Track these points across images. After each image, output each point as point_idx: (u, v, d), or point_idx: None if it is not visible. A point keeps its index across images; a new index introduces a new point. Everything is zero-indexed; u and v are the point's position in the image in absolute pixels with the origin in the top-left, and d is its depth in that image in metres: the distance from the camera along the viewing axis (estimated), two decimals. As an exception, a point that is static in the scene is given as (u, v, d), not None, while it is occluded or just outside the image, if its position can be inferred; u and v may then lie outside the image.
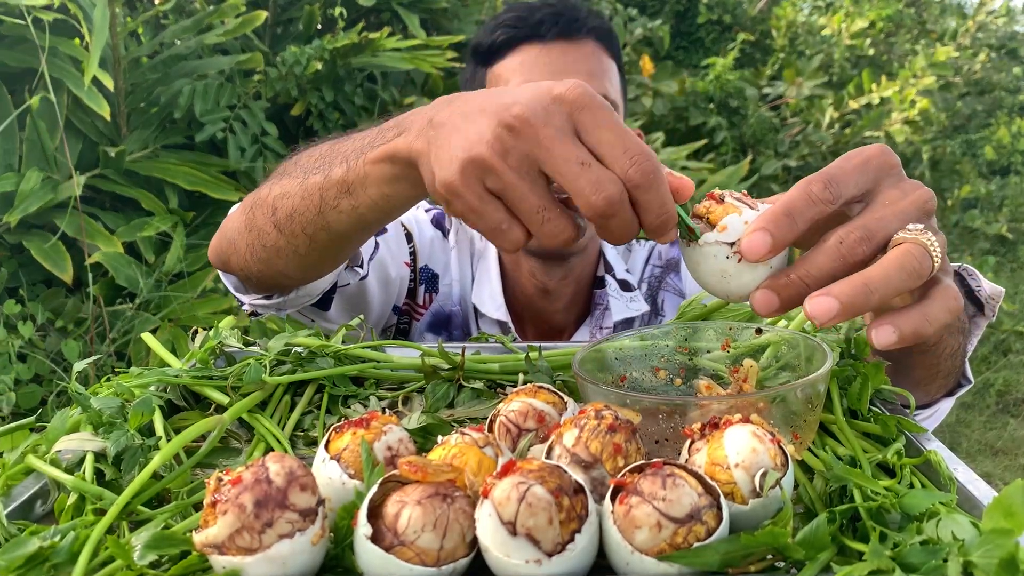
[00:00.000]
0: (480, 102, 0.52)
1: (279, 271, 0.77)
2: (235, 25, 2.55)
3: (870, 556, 0.39)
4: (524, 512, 0.38)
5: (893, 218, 0.49)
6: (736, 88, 3.99)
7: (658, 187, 0.49)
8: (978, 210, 5.41)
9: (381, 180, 0.61)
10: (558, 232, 0.51)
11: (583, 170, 0.48)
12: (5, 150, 2.21)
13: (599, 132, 0.48)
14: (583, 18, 1.05)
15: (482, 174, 0.50)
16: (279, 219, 0.71)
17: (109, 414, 0.55)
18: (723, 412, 0.48)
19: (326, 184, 0.65)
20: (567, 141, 0.48)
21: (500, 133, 0.49)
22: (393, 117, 0.64)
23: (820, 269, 0.48)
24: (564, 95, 0.49)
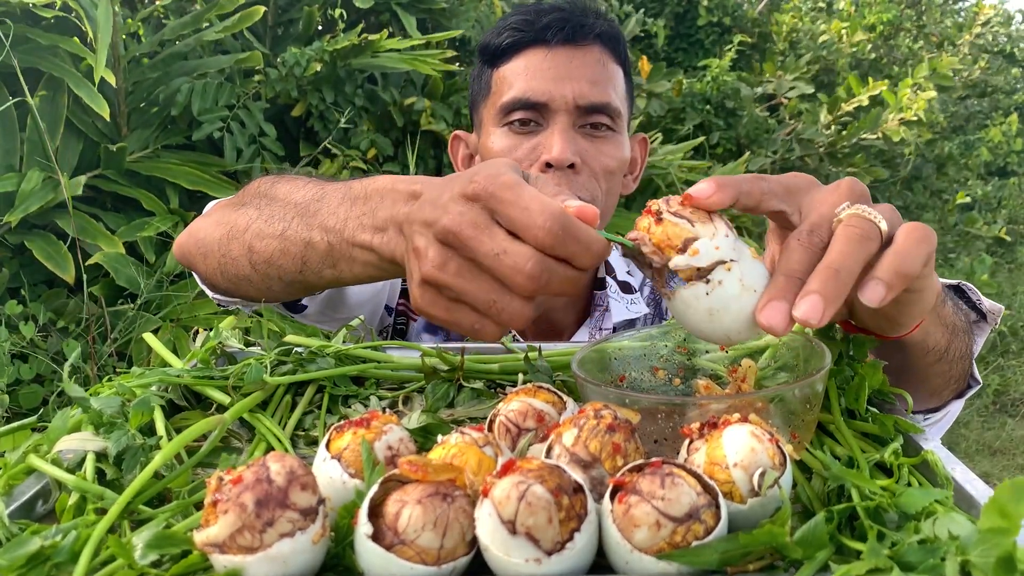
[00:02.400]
0: (423, 213, 0.55)
1: (245, 293, 0.80)
2: (234, 21, 2.55)
3: (868, 555, 0.39)
4: (524, 511, 0.38)
5: (830, 208, 0.53)
6: (732, 89, 3.99)
7: (573, 237, 0.50)
8: (976, 211, 5.41)
9: (367, 265, 0.64)
10: (515, 314, 0.53)
11: (501, 259, 0.51)
12: (6, 150, 2.22)
13: (508, 213, 0.51)
14: (590, 24, 1.05)
15: (438, 291, 0.54)
16: (256, 261, 0.73)
17: (110, 414, 0.55)
18: (722, 412, 0.48)
19: (308, 250, 0.67)
20: (483, 236, 0.52)
21: (438, 249, 0.53)
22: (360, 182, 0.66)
23: (798, 263, 0.50)
24: (473, 192, 0.52)
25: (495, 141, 1.05)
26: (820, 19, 5.66)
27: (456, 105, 2.80)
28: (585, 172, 1.01)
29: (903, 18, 5.74)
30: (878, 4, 5.52)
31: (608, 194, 1.05)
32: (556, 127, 1.01)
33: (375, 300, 1.10)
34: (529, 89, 1.02)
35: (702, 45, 5.46)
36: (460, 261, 0.53)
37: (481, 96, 1.11)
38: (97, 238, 2.15)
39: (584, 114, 1.03)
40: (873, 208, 0.52)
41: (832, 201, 0.54)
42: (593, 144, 1.03)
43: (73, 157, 2.34)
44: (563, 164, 0.99)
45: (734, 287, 0.49)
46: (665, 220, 0.52)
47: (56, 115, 2.27)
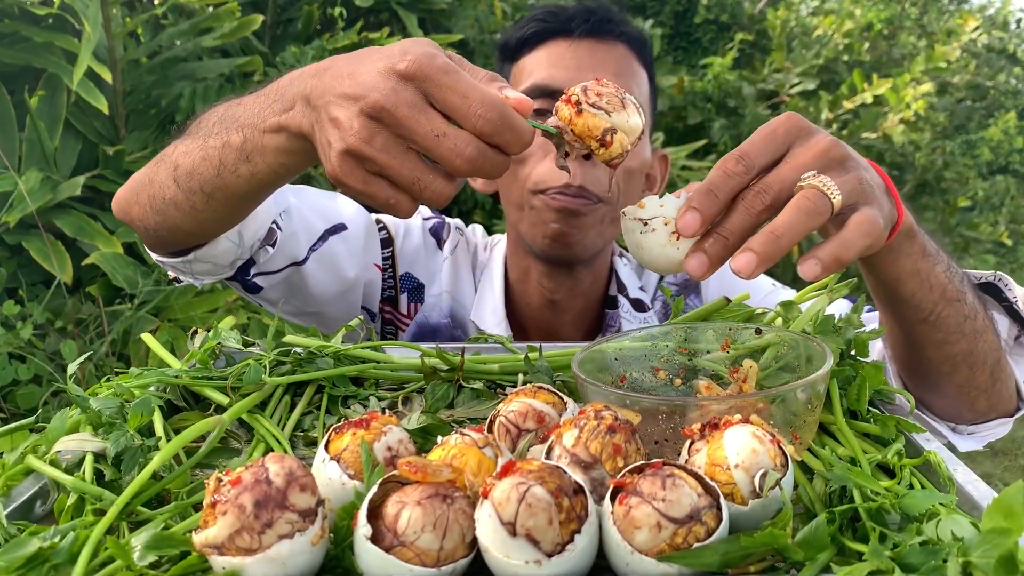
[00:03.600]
0: (342, 86, 0.56)
1: (175, 224, 0.79)
2: (232, 29, 2.54)
3: (870, 556, 0.39)
4: (524, 512, 0.38)
5: (791, 171, 0.57)
6: (734, 88, 3.99)
7: (508, 126, 0.53)
8: (977, 211, 5.41)
9: (278, 151, 0.65)
10: (437, 193, 0.55)
11: (440, 140, 0.53)
12: (4, 150, 2.21)
13: (445, 98, 0.53)
14: (616, 21, 1.03)
15: (358, 162, 0.55)
16: (179, 175, 0.74)
17: (109, 415, 0.55)
18: (723, 413, 0.48)
19: (225, 150, 0.69)
20: (421, 117, 0.53)
21: (364, 123, 0.54)
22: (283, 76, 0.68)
23: (732, 223, 0.56)
24: (407, 71, 0.53)
25: None
26: (816, 16, 5.66)
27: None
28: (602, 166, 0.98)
29: (903, 16, 5.74)
30: (875, 2, 5.52)
31: (626, 195, 1.02)
32: None
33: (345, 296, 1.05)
34: (550, 76, 1.00)
35: (701, 43, 5.46)
36: (388, 136, 0.54)
37: None
38: (95, 238, 2.15)
39: None
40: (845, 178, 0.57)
41: (801, 163, 0.57)
42: None
43: (72, 157, 2.33)
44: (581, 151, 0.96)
45: (663, 237, 0.57)
46: (584, 112, 0.57)
47: (55, 115, 2.27)
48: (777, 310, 0.69)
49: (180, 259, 0.87)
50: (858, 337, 0.61)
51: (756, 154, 0.58)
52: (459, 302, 1.12)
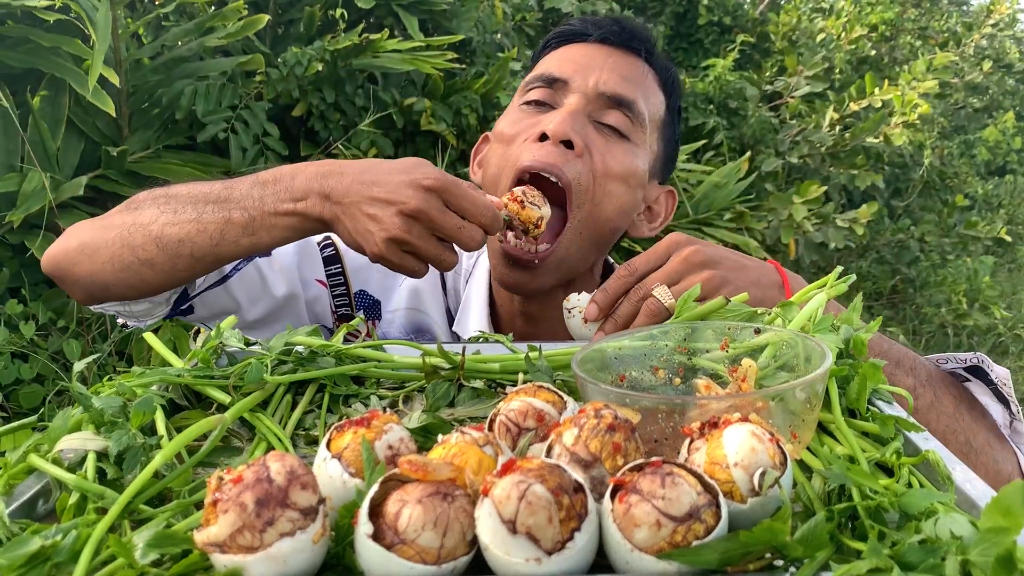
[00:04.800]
0: (372, 193, 0.79)
1: (141, 280, 0.90)
2: (236, 29, 2.55)
3: (868, 554, 0.39)
4: (524, 511, 0.38)
5: (661, 275, 0.79)
6: (735, 89, 3.98)
7: (496, 221, 0.82)
8: (976, 211, 5.40)
9: (288, 229, 0.83)
10: (450, 262, 0.82)
11: (461, 231, 0.79)
12: (8, 150, 2.22)
13: (459, 204, 0.79)
14: (642, 39, 1.02)
15: (398, 245, 0.79)
16: (165, 243, 0.86)
17: (111, 413, 0.55)
18: (722, 411, 0.48)
19: (227, 226, 0.84)
20: (446, 217, 0.79)
21: (403, 219, 0.78)
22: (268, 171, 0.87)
23: (621, 312, 0.80)
24: (432, 186, 0.78)
25: (504, 117, 1.01)
26: (819, 18, 5.66)
27: (456, 105, 2.80)
28: (587, 161, 0.94)
29: (904, 19, 5.73)
30: (880, 4, 5.52)
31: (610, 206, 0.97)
32: (567, 105, 0.96)
33: (281, 314, 1.06)
34: (555, 67, 0.99)
35: (702, 45, 5.45)
36: (421, 229, 0.78)
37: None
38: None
39: (602, 105, 0.96)
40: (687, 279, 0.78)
41: (671, 269, 0.79)
42: (603, 139, 0.96)
43: (75, 157, 2.34)
44: (558, 137, 0.92)
45: (578, 320, 0.83)
46: (527, 207, 0.87)
47: (58, 116, 2.27)
48: (776, 310, 0.69)
49: (119, 304, 0.96)
50: (856, 336, 0.61)
51: (640, 264, 0.81)
52: (424, 312, 1.11)
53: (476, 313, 1.08)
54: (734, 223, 3.21)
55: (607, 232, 1.00)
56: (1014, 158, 6.95)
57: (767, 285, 0.80)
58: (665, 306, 0.76)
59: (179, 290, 0.98)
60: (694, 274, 0.78)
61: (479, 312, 1.08)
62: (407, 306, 1.11)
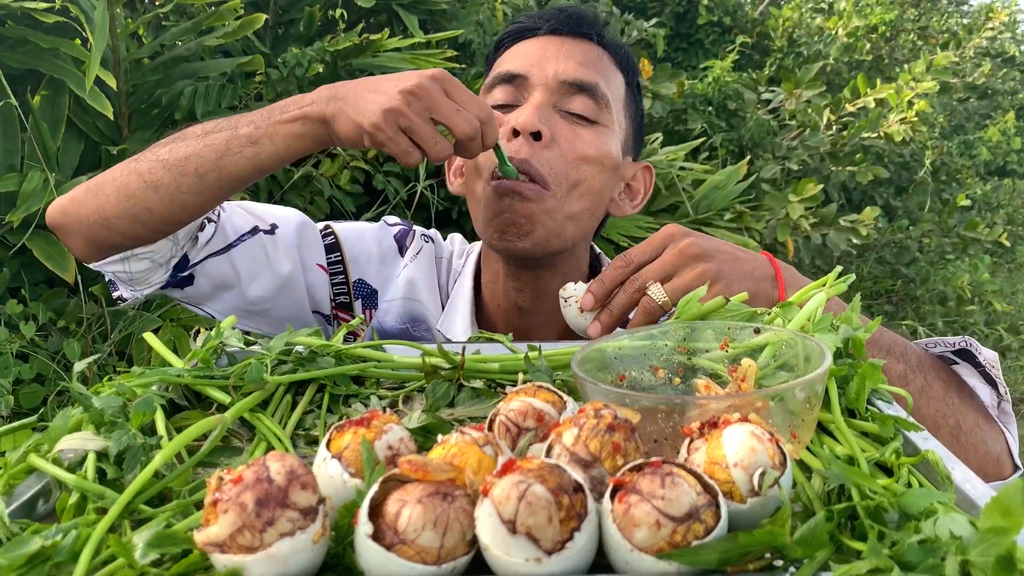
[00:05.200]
0: (377, 83, 0.82)
1: (145, 208, 0.90)
2: (235, 28, 2.55)
3: (868, 555, 0.39)
4: (524, 511, 0.38)
5: (657, 267, 0.80)
6: (734, 90, 3.98)
7: (493, 122, 0.84)
8: (976, 211, 5.40)
9: (289, 135, 0.85)
10: (442, 150, 0.82)
11: (456, 113, 0.81)
12: (7, 150, 2.22)
13: (459, 95, 0.82)
14: (590, 23, 1.02)
15: (396, 117, 0.80)
16: (171, 162, 0.88)
17: (111, 413, 0.55)
18: (722, 411, 0.48)
19: (232, 138, 0.86)
20: (443, 99, 0.81)
21: (405, 96, 0.80)
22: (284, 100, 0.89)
23: (616, 302, 0.81)
24: (434, 75, 0.82)
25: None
26: (818, 17, 5.66)
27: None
28: (556, 150, 0.95)
29: (904, 19, 5.73)
30: (880, 4, 5.51)
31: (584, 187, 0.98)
32: (532, 100, 0.97)
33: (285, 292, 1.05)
34: (512, 64, 1.00)
35: (702, 45, 5.46)
36: (420, 106, 0.80)
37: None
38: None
39: (567, 93, 0.97)
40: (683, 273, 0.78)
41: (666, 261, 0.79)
42: (570, 127, 0.97)
43: (74, 157, 2.34)
44: (528, 130, 0.93)
45: (574, 309, 0.84)
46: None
47: (57, 116, 2.27)
48: (776, 310, 0.69)
49: (119, 256, 0.95)
50: (856, 336, 0.61)
51: (636, 255, 0.82)
52: (420, 302, 1.12)
53: (461, 311, 1.09)
54: (734, 223, 3.21)
55: (585, 210, 1.01)
56: (1014, 158, 6.95)
57: (760, 278, 0.81)
58: (658, 304, 0.78)
59: (180, 253, 0.98)
60: (689, 267, 0.79)
61: (464, 310, 1.09)
62: (403, 296, 1.12)
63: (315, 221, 1.12)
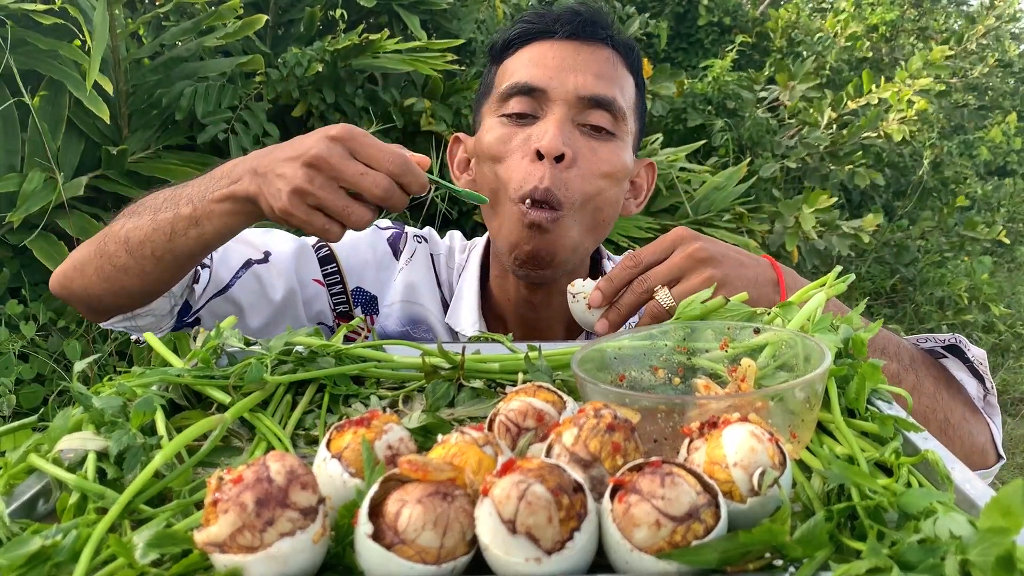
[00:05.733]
0: (286, 154, 0.78)
1: (122, 287, 0.93)
2: (235, 28, 2.55)
3: (868, 554, 0.39)
4: (524, 510, 0.38)
5: (665, 269, 0.80)
6: (734, 90, 3.98)
7: (410, 171, 0.77)
8: (975, 211, 5.40)
9: (224, 214, 0.84)
10: (360, 217, 0.77)
11: (363, 177, 0.76)
12: (7, 151, 2.22)
13: (365, 151, 0.76)
14: (602, 24, 1.02)
15: (303, 198, 0.76)
16: (131, 245, 0.89)
17: (111, 413, 0.55)
18: (722, 411, 0.48)
19: (176, 220, 0.86)
20: (348, 163, 0.76)
21: (305, 170, 0.76)
22: (219, 166, 0.88)
23: (624, 301, 0.82)
24: (336, 136, 0.76)
25: (489, 132, 1.01)
26: (819, 17, 5.66)
27: (456, 106, 2.80)
28: (576, 170, 0.97)
29: (904, 19, 5.73)
30: (881, 5, 5.51)
31: (600, 200, 1.00)
32: (552, 116, 0.97)
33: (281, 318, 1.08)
34: (529, 75, 0.99)
35: (702, 45, 5.46)
36: (324, 178, 0.75)
37: (484, 94, 1.08)
38: (98, 238, 2.15)
39: (585, 108, 0.98)
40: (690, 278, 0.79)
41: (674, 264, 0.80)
42: (589, 144, 0.98)
43: (74, 158, 2.34)
44: (553, 153, 0.94)
45: (582, 305, 0.84)
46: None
47: (57, 116, 2.27)
48: (776, 310, 0.69)
49: (123, 317, 0.99)
50: (856, 336, 0.61)
51: (646, 255, 0.82)
52: (420, 304, 1.13)
53: (468, 304, 1.10)
54: (734, 224, 3.21)
55: (600, 222, 1.04)
56: (1014, 159, 6.95)
57: (763, 283, 0.82)
58: (665, 308, 0.78)
59: (180, 302, 1.02)
60: (696, 272, 0.79)
61: (470, 303, 1.10)
62: (402, 299, 1.12)
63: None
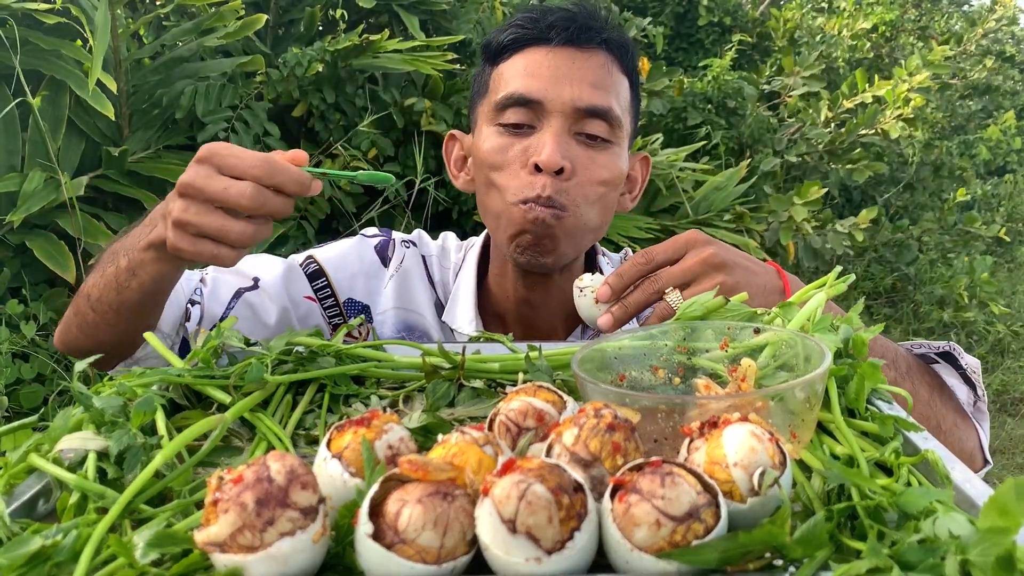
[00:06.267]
0: (170, 194, 0.78)
1: (102, 341, 0.93)
2: (235, 28, 2.55)
3: (868, 554, 0.39)
4: (524, 510, 0.38)
5: (678, 272, 0.81)
6: (734, 88, 3.97)
7: (278, 171, 0.73)
8: (976, 210, 5.40)
9: (151, 262, 0.83)
10: (240, 233, 0.74)
11: (227, 191, 0.73)
12: (8, 151, 2.22)
13: (228, 164, 0.74)
14: (597, 28, 1.01)
15: (184, 229, 0.75)
16: (92, 302, 0.91)
17: (111, 413, 0.55)
18: (722, 411, 0.48)
19: (118, 273, 0.86)
20: (211, 181, 0.73)
21: (179, 201, 0.75)
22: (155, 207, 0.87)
23: (632, 298, 0.82)
24: (200, 157, 0.75)
25: (486, 140, 1.01)
26: (820, 17, 5.66)
27: (456, 106, 2.80)
28: (575, 180, 0.98)
29: (905, 19, 5.73)
30: (881, 5, 5.51)
31: (599, 207, 1.01)
32: (550, 129, 0.97)
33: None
34: (526, 86, 0.98)
35: (702, 45, 5.45)
36: (197, 204, 0.74)
37: (479, 94, 1.08)
38: (99, 238, 2.16)
39: (581, 118, 0.98)
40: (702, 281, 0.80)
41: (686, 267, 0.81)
42: (587, 153, 0.99)
43: (75, 157, 2.34)
44: (552, 168, 0.95)
45: (590, 300, 0.83)
46: None
47: (58, 116, 2.28)
48: (776, 310, 0.69)
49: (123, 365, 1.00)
50: (856, 336, 0.61)
51: (658, 254, 0.82)
52: (413, 311, 1.13)
53: (465, 302, 1.10)
54: (733, 224, 3.21)
55: (602, 224, 1.06)
56: (1014, 158, 6.94)
57: (771, 291, 0.83)
58: (675, 310, 0.78)
59: (177, 340, 1.04)
60: (709, 277, 0.80)
61: (467, 301, 1.10)
62: (395, 305, 1.13)
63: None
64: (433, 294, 1.14)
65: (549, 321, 1.11)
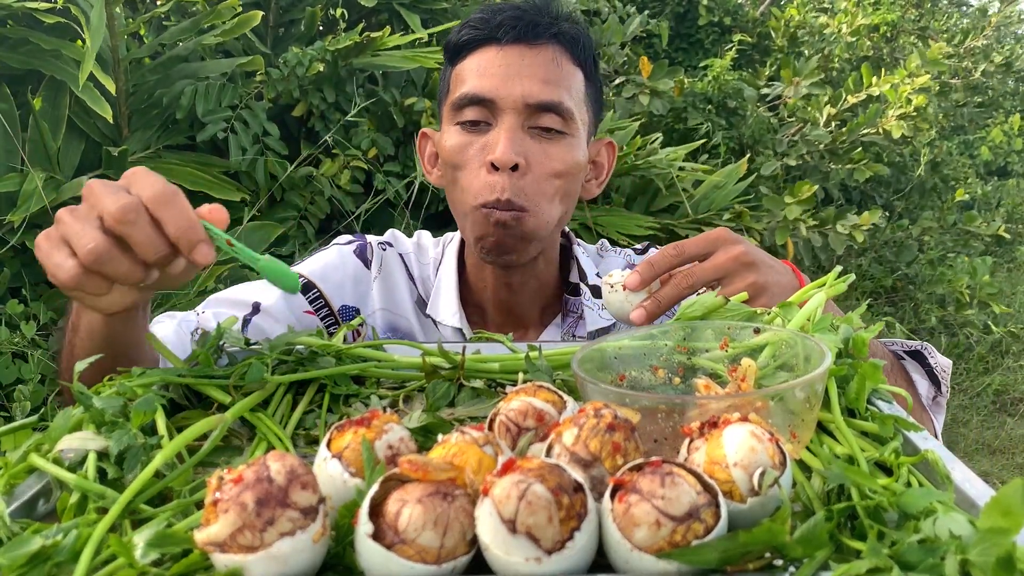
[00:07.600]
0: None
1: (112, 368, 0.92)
2: (232, 25, 2.55)
3: (868, 554, 0.39)
4: (524, 510, 0.38)
5: (711, 268, 0.81)
6: (734, 88, 3.97)
7: (172, 205, 0.62)
8: (975, 210, 5.40)
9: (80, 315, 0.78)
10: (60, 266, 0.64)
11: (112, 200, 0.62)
12: (8, 151, 2.22)
13: (130, 181, 0.64)
14: (545, 23, 1.03)
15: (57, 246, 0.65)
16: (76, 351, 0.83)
17: (111, 413, 0.55)
18: (722, 411, 0.48)
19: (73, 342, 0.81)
20: (72, 222, 0.63)
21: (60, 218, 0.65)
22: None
23: (664, 293, 0.80)
24: (82, 195, 0.65)
25: (448, 139, 1.04)
26: (821, 16, 5.65)
27: (457, 105, 2.80)
28: (531, 175, 1.00)
29: (905, 19, 5.73)
30: (882, 5, 5.51)
31: (559, 199, 1.04)
32: (503, 126, 1.00)
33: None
34: (479, 86, 1.01)
35: (702, 45, 5.46)
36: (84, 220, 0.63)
37: (443, 94, 1.11)
38: (98, 238, 2.15)
39: (534, 113, 1.01)
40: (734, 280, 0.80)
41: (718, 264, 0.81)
42: (541, 146, 1.01)
43: (75, 158, 2.34)
44: (507, 165, 0.97)
45: (621, 295, 0.82)
46: None
47: (58, 116, 2.28)
48: (776, 310, 0.69)
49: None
50: (856, 336, 0.61)
51: (689, 247, 0.82)
52: (396, 313, 1.15)
53: (447, 294, 1.13)
54: (733, 223, 3.21)
55: (565, 213, 1.08)
56: (1015, 159, 6.95)
57: (792, 290, 0.83)
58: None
59: None
60: (740, 276, 0.80)
61: (449, 293, 1.13)
62: (380, 307, 1.15)
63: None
64: (414, 291, 1.16)
65: (527, 308, 1.14)
